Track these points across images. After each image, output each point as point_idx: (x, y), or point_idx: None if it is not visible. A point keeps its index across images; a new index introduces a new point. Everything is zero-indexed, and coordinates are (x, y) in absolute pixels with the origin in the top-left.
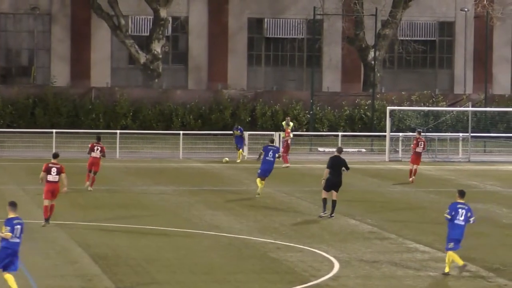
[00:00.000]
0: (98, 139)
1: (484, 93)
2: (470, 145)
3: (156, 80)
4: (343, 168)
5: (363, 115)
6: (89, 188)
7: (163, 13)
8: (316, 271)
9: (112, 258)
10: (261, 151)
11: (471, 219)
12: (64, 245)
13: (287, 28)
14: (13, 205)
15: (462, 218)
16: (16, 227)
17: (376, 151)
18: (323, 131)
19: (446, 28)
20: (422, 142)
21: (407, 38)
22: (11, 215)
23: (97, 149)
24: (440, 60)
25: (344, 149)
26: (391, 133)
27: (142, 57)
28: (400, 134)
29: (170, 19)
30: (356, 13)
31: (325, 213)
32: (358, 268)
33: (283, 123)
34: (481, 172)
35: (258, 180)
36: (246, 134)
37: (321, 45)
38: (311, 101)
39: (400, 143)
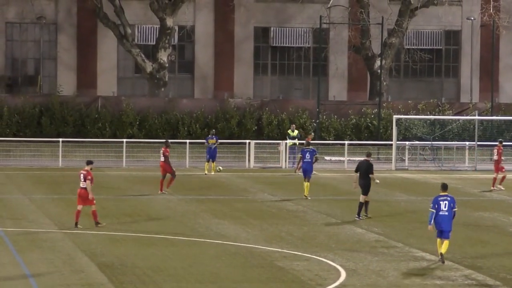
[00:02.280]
0: (166, 143)
1: (491, 101)
2: (476, 154)
3: (162, 89)
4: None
5: (370, 124)
6: (165, 191)
7: (169, 22)
8: (323, 280)
9: (118, 267)
10: (300, 154)
11: (454, 210)
12: (70, 254)
13: (293, 37)
14: None
15: (446, 208)
16: None
17: (383, 160)
18: (329, 140)
19: (452, 37)
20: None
21: (413, 47)
22: None
23: (161, 153)
24: (446, 68)
25: (350, 158)
26: (398, 142)
27: (148, 66)
28: (407, 143)
29: (176, 28)
30: (362, 22)
31: (361, 217)
32: (365, 276)
33: (289, 131)
34: (488, 180)
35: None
36: (253, 143)
37: (327, 54)
38: (317, 110)
39: (406, 152)
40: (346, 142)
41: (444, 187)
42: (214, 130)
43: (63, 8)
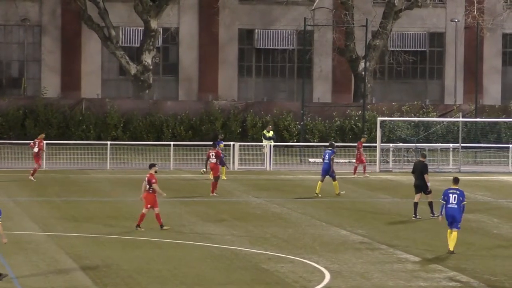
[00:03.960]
0: (214, 145)
1: (475, 103)
2: (460, 156)
3: (147, 91)
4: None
5: (354, 126)
6: (214, 194)
7: (153, 24)
8: (307, 282)
9: (102, 269)
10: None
11: (463, 203)
12: (54, 257)
13: (277, 39)
14: None
15: (455, 201)
16: None
17: (367, 162)
18: (313, 142)
19: (437, 39)
20: None
21: (397, 49)
22: None
23: (212, 154)
24: (431, 70)
25: (335, 160)
26: (382, 144)
27: (133, 68)
28: (391, 144)
29: (161, 30)
30: (347, 24)
31: (418, 217)
32: (349, 278)
33: (264, 131)
34: (472, 182)
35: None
36: (238, 145)
37: (311, 56)
38: (302, 112)
39: (390, 153)
40: None
41: (456, 180)
42: (222, 135)
43: (47, 10)
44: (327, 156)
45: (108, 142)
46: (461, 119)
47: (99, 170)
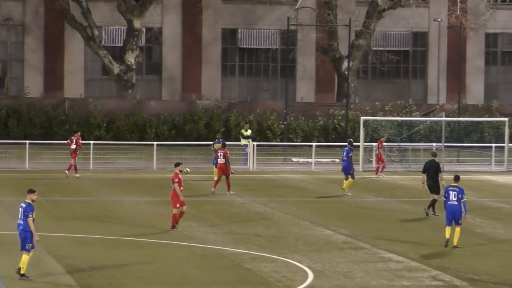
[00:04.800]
0: (224, 145)
1: (458, 103)
2: (443, 155)
3: (130, 91)
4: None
5: (337, 126)
6: (230, 193)
7: (136, 24)
8: (290, 281)
9: (86, 269)
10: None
11: (463, 200)
12: (38, 257)
13: (261, 38)
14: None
15: (455, 198)
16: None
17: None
18: (297, 142)
19: (420, 38)
20: None
21: (380, 49)
22: None
23: (220, 154)
24: (414, 70)
25: (317, 160)
26: (365, 143)
27: (116, 68)
28: (374, 144)
29: (144, 30)
30: (330, 23)
31: (435, 214)
32: (332, 278)
33: (242, 130)
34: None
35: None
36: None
37: (295, 55)
38: (285, 111)
39: (373, 153)
40: (314, 143)
41: (456, 178)
42: (220, 134)
43: (30, 10)
44: (345, 153)
45: (91, 142)
46: (444, 118)
47: (82, 170)
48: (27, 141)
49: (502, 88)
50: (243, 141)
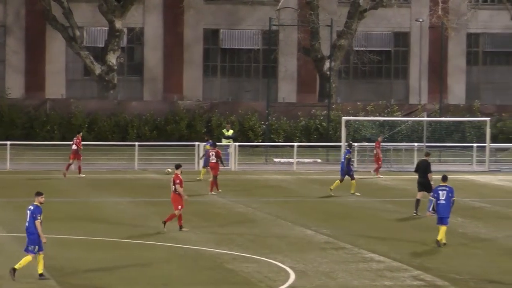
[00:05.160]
0: (214, 145)
1: (439, 103)
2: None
3: (112, 92)
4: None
5: (319, 126)
6: (213, 193)
7: (118, 24)
8: (272, 281)
9: (68, 270)
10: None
11: (452, 199)
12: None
13: (242, 39)
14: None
15: (444, 198)
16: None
17: (332, 161)
18: (278, 142)
19: (402, 38)
20: None
21: (362, 49)
22: None
23: (212, 154)
24: (396, 70)
25: (299, 160)
26: (347, 144)
27: (97, 69)
28: (356, 144)
29: (126, 30)
30: (312, 24)
31: (418, 214)
32: (314, 278)
33: (223, 130)
34: (436, 182)
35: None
36: (203, 145)
37: (276, 56)
38: (267, 111)
39: (355, 153)
40: (296, 144)
41: (444, 178)
42: (207, 136)
43: (11, 11)
44: (343, 155)
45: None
46: (425, 118)
47: (63, 171)
48: (8, 142)
49: (483, 88)
50: (225, 141)
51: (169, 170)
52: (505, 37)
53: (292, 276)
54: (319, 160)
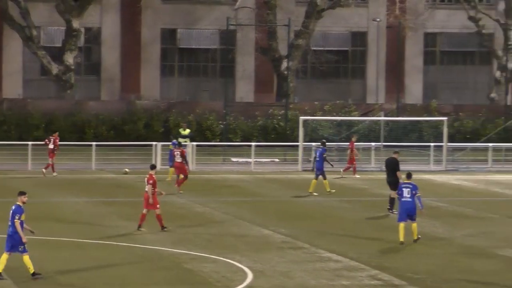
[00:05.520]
0: (179, 144)
1: (396, 102)
2: (382, 155)
3: (69, 91)
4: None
5: (277, 125)
6: (180, 192)
7: (75, 24)
8: (230, 281)
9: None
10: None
11: (417, 195)
12: None
13: (200, 38)
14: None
15: (409, 195)
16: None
17: (290, 161)
18: (236, 142)
19: (359, 38)
20: None
21: (320, 48)
22: None
23: (177, 154)
24: (353, 70)
25: (257, 159)
26: (304, 143)
27: (55, 68)
28: (313, 144)
29: (83, 30)
30: (269, 23)
31: (394, 212)
32: (272, 278)
33: (180, 130)
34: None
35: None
36: (160, 145)
37: (234, 55)
38: (225, 111)
39: (313, 153)
40: (253, 143)
41: (409, 175)
42: (172, 136)
43: None
44: (318, 154)
45: (30, 143)
46: (383, 118)
47: (20, 171)
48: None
49: (440, 87)
50: (181, 141)
51: (127, 170)
52: (462, 36)
53: (250, 276)
54: (277, 160)
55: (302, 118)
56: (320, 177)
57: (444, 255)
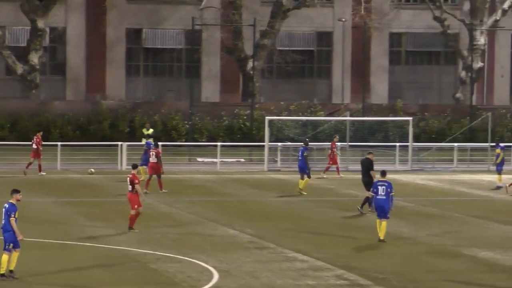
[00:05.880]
0: (156, 145)
1: (362, 102)
2: (348, 155)
3: (34, 91)
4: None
5: (242, 125)
6: (163, 191)
7: (40, 23)
8: (196, 281)
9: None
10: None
11: (391, 194)
12: None
13: (165, 38)
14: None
15: (383, 193)
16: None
17: (255, 161)
18: (202, 142)
19: (325, 38)
20: None
21: (285, 48)
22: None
23: (153, 154)
24: (319, 70)
25: (222, 159)
26: (270, 143)
27: (20, 68)
28: (279, 144)
29: (48, 29)
30: (235, 23)
31: (371, 210)
32: (238, 277)
33: (143, 129)
34: (359, 181)
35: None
36: (126, 145)
37: (200, 55)
38: (190, 111)
39: (279, 153)
40: (219, 143)
41: (383, 173)
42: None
43: None
44: (300, 153)
45: None
46: (348, 118)
47: (24, 169)
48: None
49: (406, 87)
50: (144, 140)
51: (92, 170)
52: (427, 36)
53: (216, 275)
54: (242, 160)
55: (268, 118)
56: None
57: (410, 255)
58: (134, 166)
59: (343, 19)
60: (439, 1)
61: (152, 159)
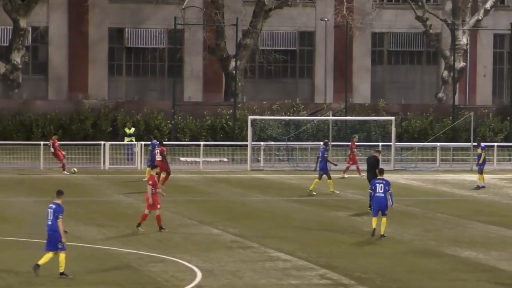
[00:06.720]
0: (161, 144)
1: (344, 102)
2: (331, 154)
3: (16, 91)
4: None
5: (225, 125)
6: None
7: (22, 23)
8: (179, 281)
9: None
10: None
11: (389, 192)
12: None
13: (148, 38)
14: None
15: (382, 190)
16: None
17: (238, 160)
18: (184, 141)
19: (307, 37)
20: None
21: (268, 48)
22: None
23: (157, 152)
24: (301, 69)
25: (205, 159)
26: (253, 143)
27: (2, 68)
28: (262, 143)
29: (30, 29)
30: (217, 23)
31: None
32: (221, 277)
33: (125, 129)
34: (342, 180)
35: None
36: (108, 144)
37: (182, 55)
38: (173, 111)
39: (261, 152)
40: (202, 143)
41: (381, 171)
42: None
43: None
44: (320, 154)
45: None
46: (331, 117)
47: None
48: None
49: (388, 87)
50: (126, 140)
51: (75, 169)
52: (409, 36)
53: (199, 275)
54: (225, 159)
55: (250, 117)
56: (325, 176)
57: (393, 255)
58: (153, 167)
59: (325, 19)
60: (421, 0)
61: (158, 157)
